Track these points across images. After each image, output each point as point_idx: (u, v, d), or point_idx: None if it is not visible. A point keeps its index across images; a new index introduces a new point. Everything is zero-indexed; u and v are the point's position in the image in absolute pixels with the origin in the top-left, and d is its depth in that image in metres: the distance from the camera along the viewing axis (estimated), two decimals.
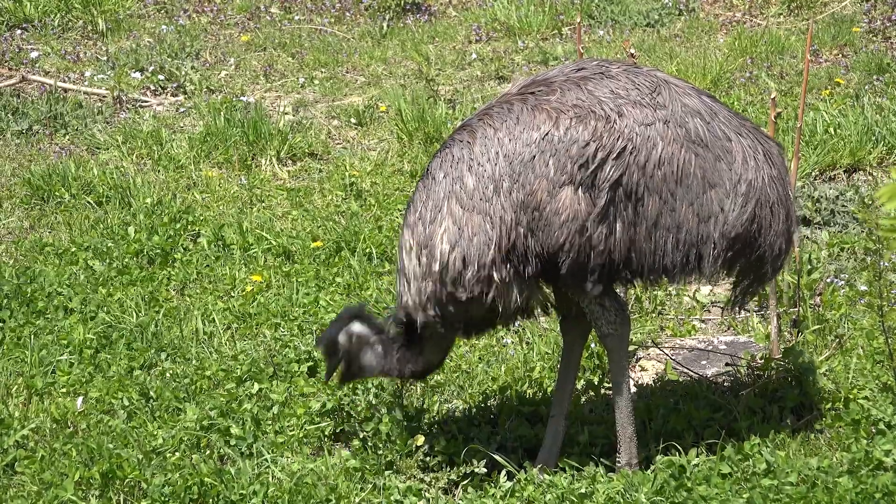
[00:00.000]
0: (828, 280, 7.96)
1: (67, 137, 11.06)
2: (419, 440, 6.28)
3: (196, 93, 12.01)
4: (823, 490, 5.79)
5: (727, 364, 7.28)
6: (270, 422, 6.63)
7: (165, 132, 10.82)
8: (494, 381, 7.07)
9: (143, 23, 14.08)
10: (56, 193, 9.63)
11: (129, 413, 6.84)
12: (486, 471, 6.24)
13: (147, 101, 11.96)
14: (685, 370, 7.27)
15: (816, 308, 7.58)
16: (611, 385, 6.19)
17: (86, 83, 12.23)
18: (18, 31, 13.56)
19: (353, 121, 11.42)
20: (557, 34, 13.65)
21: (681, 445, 6.26)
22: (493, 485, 6.10)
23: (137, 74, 12.32)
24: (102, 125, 11.24)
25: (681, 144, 5.82)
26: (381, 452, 6.27)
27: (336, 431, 6.64)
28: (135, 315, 7.87)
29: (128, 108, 11.69)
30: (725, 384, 7.03)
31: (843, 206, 9.21)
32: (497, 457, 6.28)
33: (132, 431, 6.61)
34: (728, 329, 7.94)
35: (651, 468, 6.07)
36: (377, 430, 6.33)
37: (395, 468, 6.24)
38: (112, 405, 6.91)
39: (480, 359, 7.37)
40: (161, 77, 12.27)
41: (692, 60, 12.11)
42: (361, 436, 6.34)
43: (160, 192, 9.65)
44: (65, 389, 7.10)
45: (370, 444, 6.31)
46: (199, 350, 7.49)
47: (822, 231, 8.89)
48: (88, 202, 9.55)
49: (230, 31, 13.98)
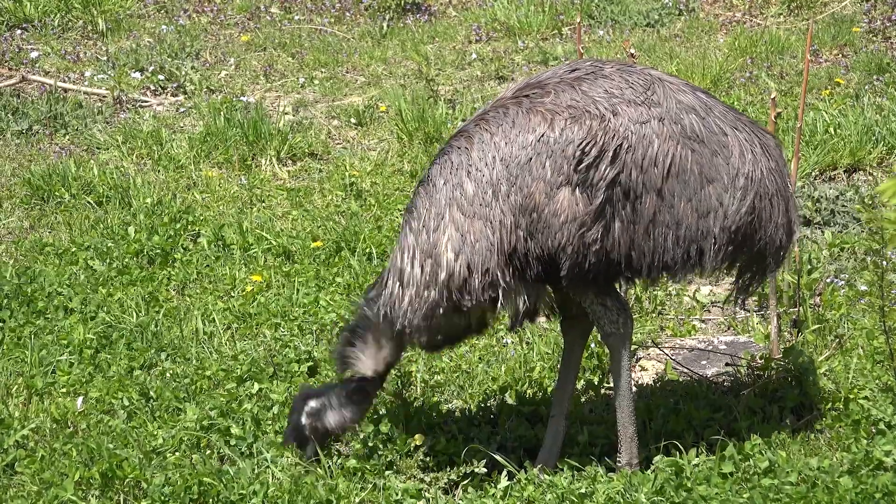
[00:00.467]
0: (828, 280, 7.96)
1: (67, 137, 11.06)
2: (419, 440, 6.27)
3: (196, 93, 12.00)
4: (823, 490, 5.78)
5: (727, 364, 7.28)
6: (270, 422, 6.62)
7: (165, 132, 10.81)
8: (494, 381, 7.07)
9: (143, 23, 14.08)
10: (56, 193, 9.63)
11: (129, 413, 6.83)
12: (486, 471, 6.23)
13: (147, 101, 11.96)
14: (685, 370, 7.27)
15: (816, 308, 7.57)
16: (612, 385, 6.18)
17: (86, 83, 12.22)
18: (18, 31, 13.56)
19: (353, 121, 11.42)
20: (557, 34, 13.65)
21: (681, 445, 6.26)
22: (494, 485, 6.10)
23: (137, 74, 12.31)
24: (102, 125, 11.24)
25: (677, 141, 5.81)
26: (381, 452, 6.26)
27: None
28: (135, 315, 7.86)
29: (128, 108, 11.69)
30: (725, 384, 7.03)
31: (843, 206, 9.21)
32: (497, 457, 6.27)
33: (132, 431, 6.61)
34: (728, 329, 7.94)
35: (651, 468, 6.07)
36: (377, 430, 6.32)
37: (395, 468, 6.24)
38: (112, 405, 6.91)
39: (480, 359, 7.36)
40: (161, 77, 12.26)
41: (692, 60, 12.11)
42: (361, 436, 6.33)
43: (160, 192, 9.65)
44: (65, 389, 7.09)
45: (370, 444, 6.31)
46: (199, 350, 7.49)
47: (825, 231, 8.88)
48: (88, 202, 9.54)
49: (230, 31, 13.98)
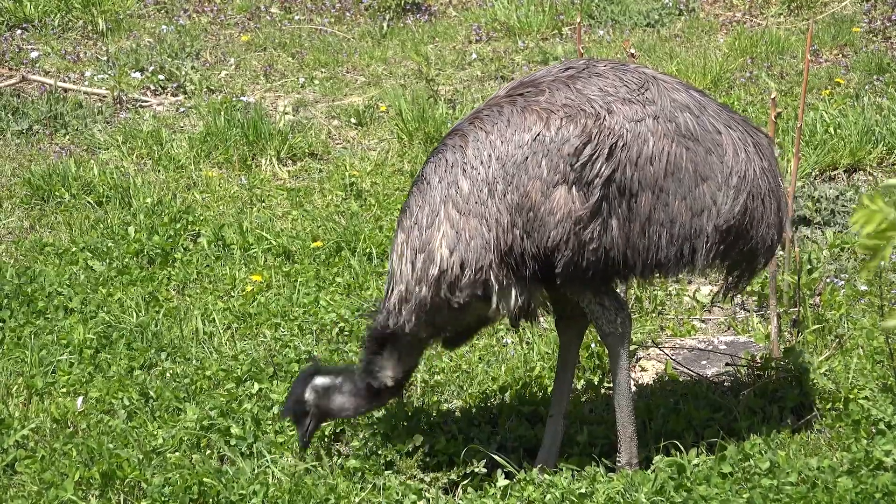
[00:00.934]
0: (828, 280, 7.96)
1: (67, 137, 11.06)
2: (419, 440, 6.27)
3: (196, 93, 12.00)
4: (823, 490, 5.78)
5: (727, 364, 7.28)
6: (270, 422, 6.63)
7: (165, 132, 10.81)
8: (494, 381, 7.07)
9: (143, 23, 14.08)
10: (56, 193, 9.63)
11: (129, 413, 6.83)
12: (487, 471, 6.23)
13: (147, 101, 11.95)
14: (685, 370, 7.27)
15: (816, 308, 7.57)
16: (611, 384, 6.18)
17: (86, 83, 12.22)
18: (18, 31, 13.56)
19: (353, 121, 11.42)
20: (557, 34, 13.65)
21: (681, 445, 6.26)
22: (493, 485, 6.10)
23: (137, 74, 12.31)
24: (102, 125, 11.23)
25: (671, 139, 5.81)
26: (381, 452, 6.26)
27: (336, 431, 6.63)
28: (135, 315, 7.86)
29: (128, 108, 11.69)
30: (725, 384, 7.02)
31: (843, 206, 9.21)
32: (497, 457, 6.27)
33: (132, 431, 6.61)
34: (728, 329, 7.94)
35: (651, 468, 6.07)
36: (377, 430, 6.32)
37: (395, 468, 6.24)
38: (112, 405, 6.91)
39: (480, 359, 7.36)
40: (161, 77, 12.26)
41: (692, 60, 12.10)
42: (361, 436, 6.33)
43: (160, 192, 9.65)
44: (65, 389, 7.09)
45: (370, 444, 6.31)
46: (199, 350, 7.49)
47: (825, 231, 8.88)
48: (88, 202, 9.54)
49: (230, 31, 13.98)
